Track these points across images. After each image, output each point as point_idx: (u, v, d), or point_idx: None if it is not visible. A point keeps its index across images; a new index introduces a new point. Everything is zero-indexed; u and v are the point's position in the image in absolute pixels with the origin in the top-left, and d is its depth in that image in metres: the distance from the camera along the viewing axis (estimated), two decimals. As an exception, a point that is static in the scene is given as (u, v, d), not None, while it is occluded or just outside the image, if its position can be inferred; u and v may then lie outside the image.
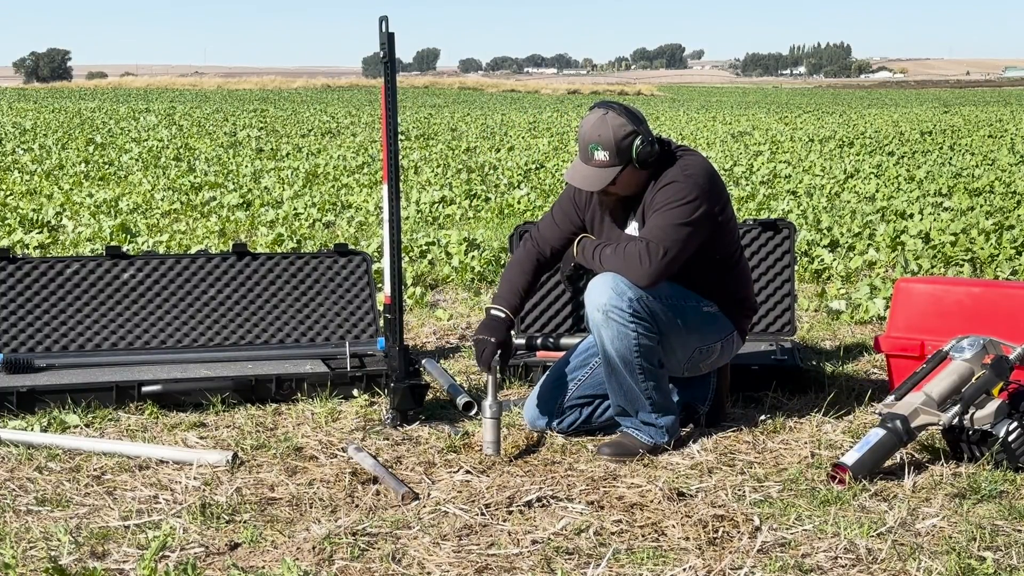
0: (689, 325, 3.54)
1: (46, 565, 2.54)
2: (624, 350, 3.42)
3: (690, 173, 3.46)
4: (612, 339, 3.41)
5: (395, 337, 3.85)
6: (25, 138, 17.90)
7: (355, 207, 9.72)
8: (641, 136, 3.43)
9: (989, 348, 3.45)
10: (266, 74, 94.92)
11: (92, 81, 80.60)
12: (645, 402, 3.50)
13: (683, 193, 3.42)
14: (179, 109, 30.41)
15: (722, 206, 3.52)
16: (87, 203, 9.62)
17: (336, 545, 2.76)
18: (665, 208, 3.43)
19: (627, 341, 3.41)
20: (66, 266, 4.41)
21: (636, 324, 3.40)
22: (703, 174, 3.48)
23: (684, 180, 3.44)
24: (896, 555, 2.70)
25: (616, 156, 3.43)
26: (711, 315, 3.60)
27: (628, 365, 3.44)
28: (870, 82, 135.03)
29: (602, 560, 2.68)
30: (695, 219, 3.42)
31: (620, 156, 3.42)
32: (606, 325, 3.41)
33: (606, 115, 3.46)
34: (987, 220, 8.40)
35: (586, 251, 3.57)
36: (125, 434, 3.70)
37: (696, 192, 3.43)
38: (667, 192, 3.44)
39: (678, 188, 3.43)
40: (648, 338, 3.43)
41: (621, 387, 3.51)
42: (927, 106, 39.13)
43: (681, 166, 3.48)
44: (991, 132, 21.15)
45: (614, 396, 3.55)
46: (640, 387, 3.48)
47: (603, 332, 3.42)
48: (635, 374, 3.46)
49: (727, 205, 3.56)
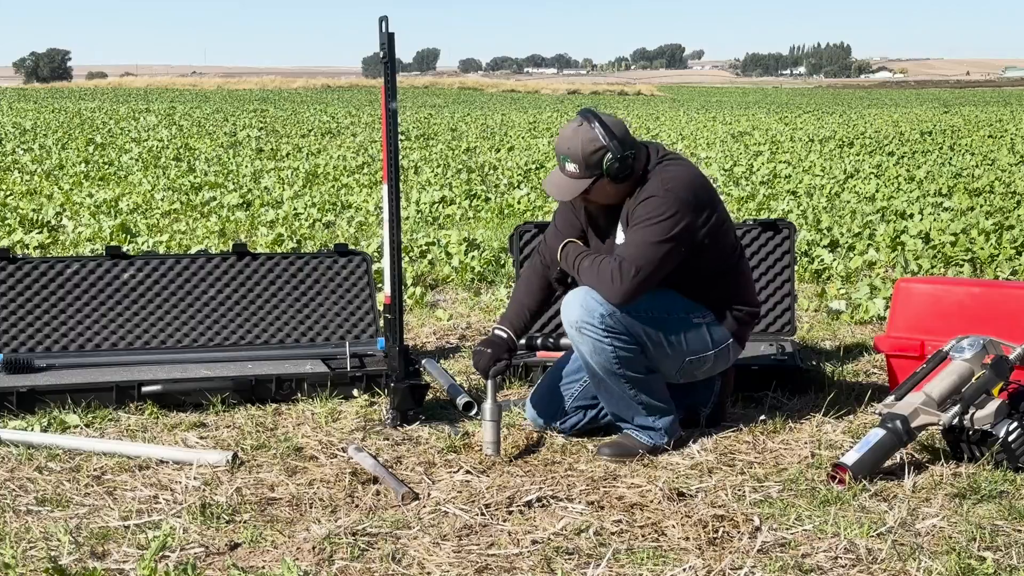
0: (673, 337, 3.47)
1: (46, 565, 2.54)
2: (604, 363, 3.41)
3: (670, 187, 3.37)
4: (590, 353, 3.40)
5: (395, 337, 3.85)
6: (25, 138, 17.90)
7: (355, 207, 9.72)
8: (612, 152, 3.35)
9: (989, 348, 3.45)
10: (266, 74, 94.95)
11: (92, 81, 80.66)
12: (638, 407, 3.49)
13: (661, 209, 3.34)
14: (179, 109, 30.42)
15: (708, 218, 3.41)
16: (87, 203, 9.62)
17: (336, 545, 2.76)
18: (643, 225, 3.36)
19: (604, 355, 3.39)
20: (66, 266, 4.41)
21: (611, 338, 3.37)
22: (685, 187, 3.39)
23: (663, 195, 3.35)
24: (896, 555, 2.70)
25: (585, 169, 3.38)
26: (700, 325, 3.52)
27: (612, 376, 3.43)
28: (870, 82, 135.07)
29: (602, 560, 2.68)
30: (673, 235, 3.34)
31: (589, 170, 3.37)
32: (581, 340, 3.40)
33: (580, 127, 3.40)
34: (987, 220, 8.40)
35: (568, 258, 3.53)
36: (125, 434, 3.70)
37: (675, 208, 3.34)
38: (646, 207, 3.37)
39: (656, 204, 3.35)
40: (627, 350, 3.39)
41: (611, 396, 3.50)
42: (927, 106, 39.14)
43: (662, 179, 3.39)
44: (991, 132, 21.15)
45: (607, 405, 3.55)
46: (629, 395, 3.47)
47: (581, 347, 3.42)
48: (621, 384, 3.45)
49: (716, 215, 3.45)
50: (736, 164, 14.07)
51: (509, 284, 6.31)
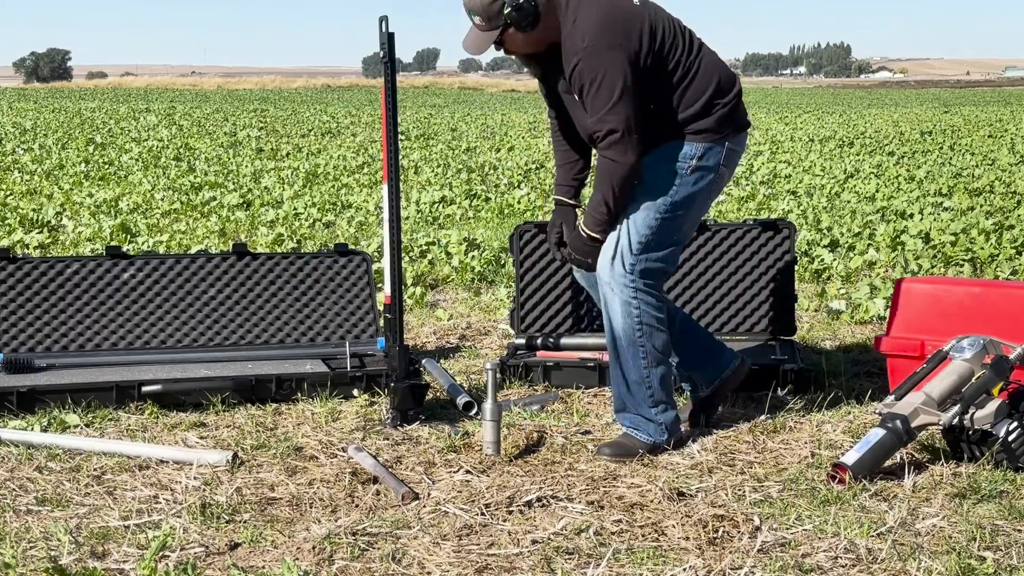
0: (680, 200, 3.50)
1: (46, 565, 2.55)
2: (628, 329, 3.46)
3: (587, 44, 3.32)
4: (618, 315, 3.46)
5: (395, 337, 3.85)
6: (25, 138, 17.91)
7: (355, 207, 9.72)
8: (507, 1, 3.34)
9: (989, 348, 3.45)
10: (266, 74, 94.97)
11: (92, 81, 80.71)
12: (646, 393, 3.51)
13: (592, 73, 3.32)
14: (179, 109, 30.43)
15: (639, 44, 3.35)
16: (87, 203, 9.62)
17: (336, 545, 2.76)
18: (589, 96, 3.35)
19: (630, 320, 3.45)
20: (66, 266, 4.41)
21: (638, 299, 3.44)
22: (599, 33, 3.33)
23: (585, 56, 3.32)
24: (896, 555, 2.70)
25: (488, 21, 3.41)
26: (689, 169, 3.50)
27: (633, 347, 3.48)
28: (870, 82, 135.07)
29: (602, 560, 2.68)
30: (618, 87, 3.31)
31: (492, 21, 3.40)
32: (612, 299, 3.46)
33: None
34: (987, 220, 8.40)
35: (587, 220, 3.51)
36: (125, 434, 3.70)
37: (603, 63, 3.31)
38: (578, 77, 3.35)
39: (584, 70, 3.32)
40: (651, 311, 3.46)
41: (624, 376, 3.53)
42: (927, 106, 39.13)
43: (579, 33, 3.34)
44: (991, 132, 21.15)
45: (616, 387, 3.57)
46: (643, 374, 3.50)
47: (610, 306, 3.48)
48: (638, 358, 3.48)
49: (643, 37, 3.37)
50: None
51: (509, 284, 6.31)
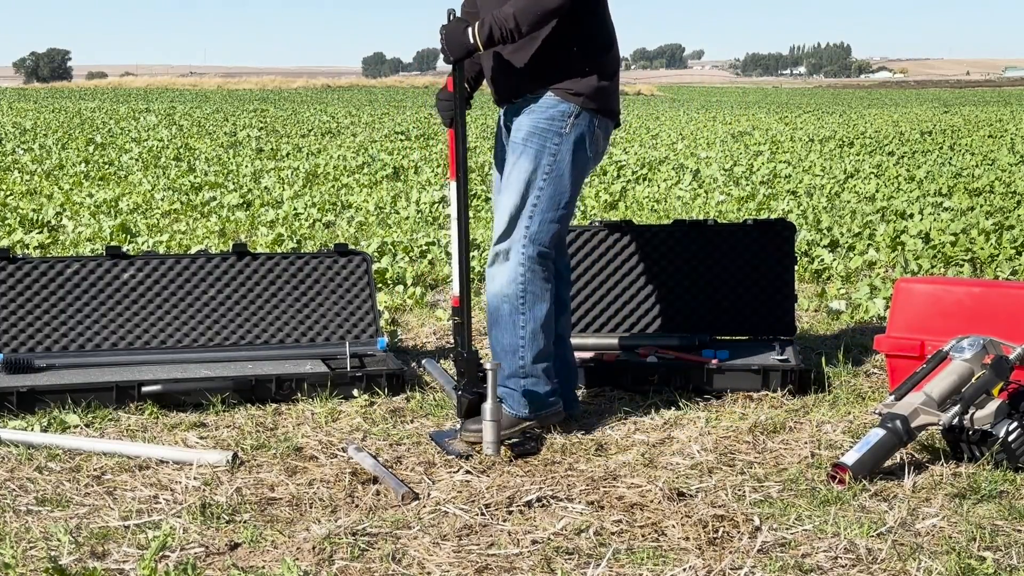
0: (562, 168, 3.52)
1: (46, 565, 2.54)
2: (511, 292, 3.50)
3: None
4: (504, 284, 3.51)
5: (464, 342, 3.57)
6: (25, 138, 17.90)
7: (355, 207, 9.72)
8: None
9: (989, 348, 3.45)
10: (266, 74, 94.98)
11: (92, 81, 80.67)
12: (516, 364, 3.55)
13: None
14: (179, 109, 30.42)
15: None
16: (87, 203, 9.62)
17: (336, 545, 2.76)
18: None
19: (514, 286, 3.50)
20: (66, 266, 4.41)
21: (527, 261, 3.48)
22: None
23: None
24: (896, 555, 2.70)
25: None
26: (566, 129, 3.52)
27: (513, 310, 3.51)
28: (870, 82, 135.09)
29: (602, 560, 2.68)
30: None
31: None
32: (498, 272, 3.53)
33: None
34: (987, 220, 8.40)
35: (483, 23, 3.42)
36: (125, 434, 3.70)
37: None
38: None
39: None
40: (538, 280, 3.49)
41: (498, 344, 3.57)
42: (927, 106, 39.13)
43: None
44: (991, 132, 21.14)
45: (495, 344, 3.61)
46: (517, 342, 3.53)
47: (496, 270, 3.54)
48: (517, 325, 3.52)
49: None
50: (736, 164, 14.07)
51: (509, 284, 6.30)
